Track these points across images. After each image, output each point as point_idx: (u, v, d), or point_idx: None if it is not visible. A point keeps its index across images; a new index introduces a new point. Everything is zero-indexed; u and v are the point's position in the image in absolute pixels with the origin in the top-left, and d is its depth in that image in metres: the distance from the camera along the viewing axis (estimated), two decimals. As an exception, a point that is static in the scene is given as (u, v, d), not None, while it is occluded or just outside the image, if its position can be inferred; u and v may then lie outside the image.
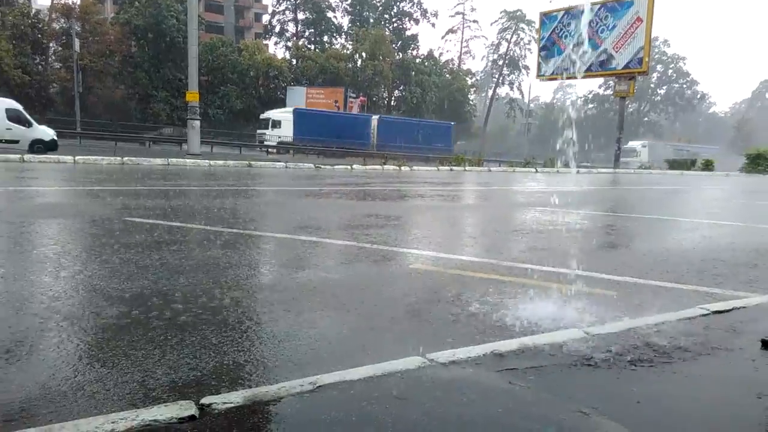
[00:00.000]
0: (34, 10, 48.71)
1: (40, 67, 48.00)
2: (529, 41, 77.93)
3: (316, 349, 2.78)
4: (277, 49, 68.66)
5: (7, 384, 2.26)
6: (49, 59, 49.81)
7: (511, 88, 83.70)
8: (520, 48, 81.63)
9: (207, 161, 21.14)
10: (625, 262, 5.57)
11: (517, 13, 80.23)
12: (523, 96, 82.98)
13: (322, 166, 23.01)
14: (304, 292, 3.84)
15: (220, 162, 21.53)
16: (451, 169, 28.62)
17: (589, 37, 37.65)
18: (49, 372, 2.37)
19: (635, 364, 2.60)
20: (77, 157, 18.17)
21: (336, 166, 23.66)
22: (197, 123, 24.20)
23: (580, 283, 4.15)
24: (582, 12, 38.67)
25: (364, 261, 5.01)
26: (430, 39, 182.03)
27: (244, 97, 53.92)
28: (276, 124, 45.40)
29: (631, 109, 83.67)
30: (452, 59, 78.79)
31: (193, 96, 23.65)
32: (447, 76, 70.68)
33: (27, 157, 18.06)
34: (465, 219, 9.54)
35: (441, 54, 76.83)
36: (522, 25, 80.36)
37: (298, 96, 56.01)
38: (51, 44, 49.33)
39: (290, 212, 8.89)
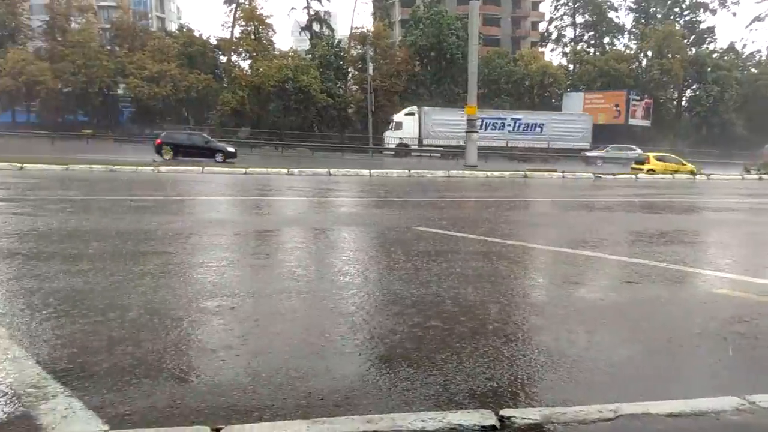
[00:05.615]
0: (336, 41, 55.93)
1: (341, 90, 54.74)
2: None
3: (610, 373, 2.68)
4: (553, 56, 67.56)
5: (333, 373, 2.62)
6: (348, 83, 56.55)
7: None
8: None
9: (484, 172, 21.72)
10: None
11: None
12: None
13: (602, 176, 21.90)
14: (593, 311, 3.72)
15: (497, 173, 21.93)
16: (743, 178, 24.69)
17: None
18: (363, 367, 2.69)
19: None
20: (372, 171, 20.16)
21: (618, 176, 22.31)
22: (476, 135, 25.10)
23: None
24: None
25: (656, 281, 4.65)
26: (730, 30, 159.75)
27: (518, 106, 54.08)
28: None
29: None
30: (759, 50, 68.21)
31: (471, 110, 24.57)
32: (752, 70, 61.48)
33: (332, 171, 20.61)
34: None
35: (744, 46, 67.13)
36: None
37: (576, 102, 54.15)
38: (350, 69, 55.95)
39: (566, 224, 8.67)
